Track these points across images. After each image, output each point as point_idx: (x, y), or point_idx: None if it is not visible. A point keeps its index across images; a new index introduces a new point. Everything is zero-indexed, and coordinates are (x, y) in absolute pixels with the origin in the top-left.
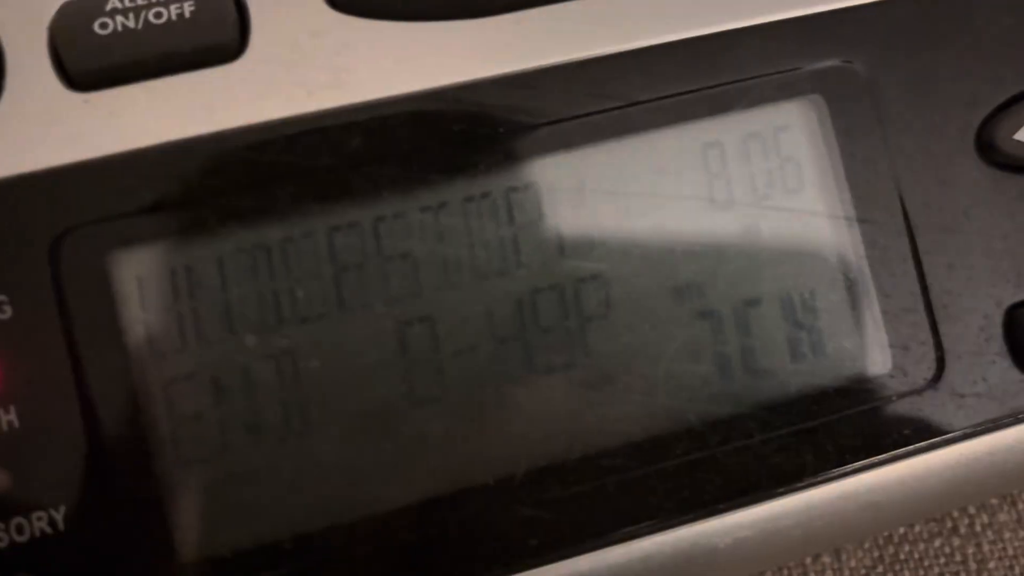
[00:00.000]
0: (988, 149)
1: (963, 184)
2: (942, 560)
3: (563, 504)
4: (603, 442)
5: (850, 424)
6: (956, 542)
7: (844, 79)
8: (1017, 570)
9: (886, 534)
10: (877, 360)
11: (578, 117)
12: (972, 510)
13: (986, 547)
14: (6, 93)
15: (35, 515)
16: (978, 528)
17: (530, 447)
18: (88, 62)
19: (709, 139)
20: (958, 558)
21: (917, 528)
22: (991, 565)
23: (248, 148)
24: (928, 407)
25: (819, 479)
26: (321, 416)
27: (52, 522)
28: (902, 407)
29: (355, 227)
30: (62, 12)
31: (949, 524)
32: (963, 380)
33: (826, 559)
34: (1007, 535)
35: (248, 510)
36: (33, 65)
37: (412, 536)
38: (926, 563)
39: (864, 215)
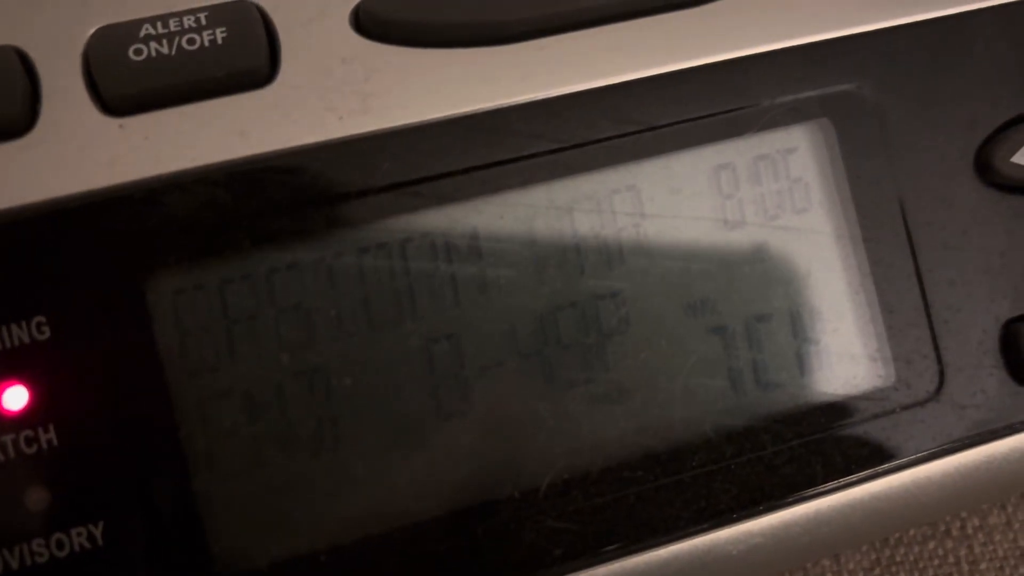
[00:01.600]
0: (987, 170)
1: (963, 204)
2: (936, 562)
3: (586, 515)
4: (623, 455)
5: (857, 435)
6: (949, 544)
7: (851, 103)
8: (1007, 571)
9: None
10: (881, 373)
11: (598, 141)
12: (964, 514)
13: (977, 549)
14: (41, 118)
15: (74, 531)
16: (970, 531)
17: (553, 460)
18: (123, 87)
19: (722, 161)
20: (951, 560)
21: (912, 532)
22: (982, 566)
23: (281, 172)
24: (930, 418)
25: (827, 488)
26: (353, 431)
27: (91, 538)
28: (905, 418)
29: (383, 248)
30: (96, 38)
31: (942, 527)
32: (963, 392)
33: (825, 562)
34: (997, 537)
35: (283, 523)
36: (68, 90)
37: (441, 546)
38: (921, 565)
39: (869, 234)
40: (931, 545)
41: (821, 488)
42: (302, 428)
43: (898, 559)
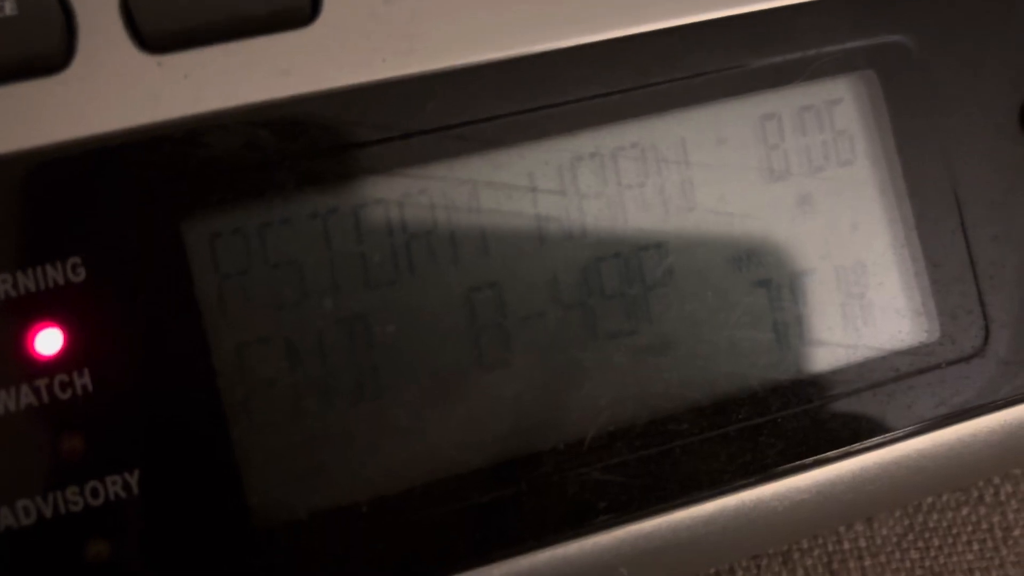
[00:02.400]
0: None
1: (1008, 160)
2: (969, 528)
3: (630, 468)
4: (668, 407)
5: (901, 390)
6: (982, 511)
7: (897, 56)
8: None
9: (916, 503)
10: (926, 328)
11: (645, 87)
12: (997, 480)
13: (1011, 516)
14: (78, 54)
15: (109, 479)
16: (1003, 497)
17: (597, 412)
18: (162, 23)
19: (767, 111)
20: (984, 526)
21: (945, 498)
22: (1016, 533)
23: (324, 113)
24: (975, 374)
25: (873, 444)
26: (394, 380)
27: (127, 486)
28: (950, 374)
29: (427, 193)
30: None
31: (975, 494)
32: (1008, 348)
33: (859, 527)
34: None
35: (323, 474)
36: (105, 26)
37: (484, 498)
38: (954, 531)
39: (914, 188)
40: (964, 511)
41: (866, 443)
42: (343, 377)
43: (931, 525)
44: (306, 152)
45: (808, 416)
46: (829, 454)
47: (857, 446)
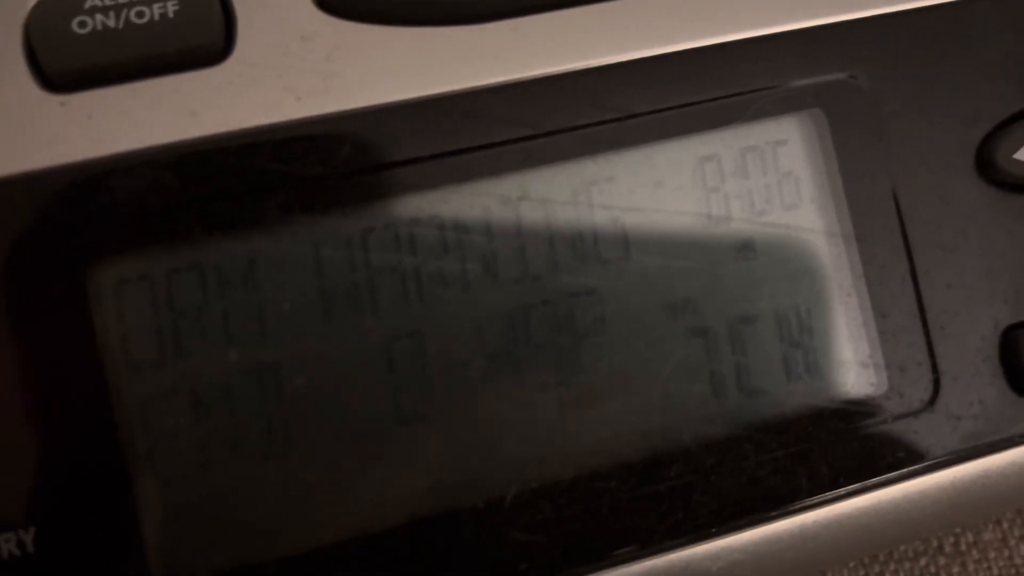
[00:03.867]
0: (988, 167)
1: (962, 203)
2: None
3: (554, 527)
4: (596, 463)
5: (845, 445)
6: (941, 561)
7: (846, 93)
8: None
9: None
10: (873, 381)
11: (574, 128)
12: (958, 529)
13: (971, 566)
14: None
15: (2, 537)
16: (963, 547)
17: (521, 468)
18: (65, 62)
19: (707, 152)
20: None
21: (903, 548)
22: None
23: (234, 155)
24: (923, 429)
25: (813, 502)
26: (306, 433)
27: (21, 544)
28: (897, 429)
29: (343, 238)
30: (38, 9)
31: (935, 543)
32: (959, 402)
33: None
34: (992, 554)
35: (229, 531)
36: (6, 64)
37: (399, 560)
38: None
39: (862, 232)
40: (923, 562)
41: (807, 502)
42: (252, 430)
43: None
44: (214, 196)
45: (744, 473)
46: (767, 513)
47: (796, 504)
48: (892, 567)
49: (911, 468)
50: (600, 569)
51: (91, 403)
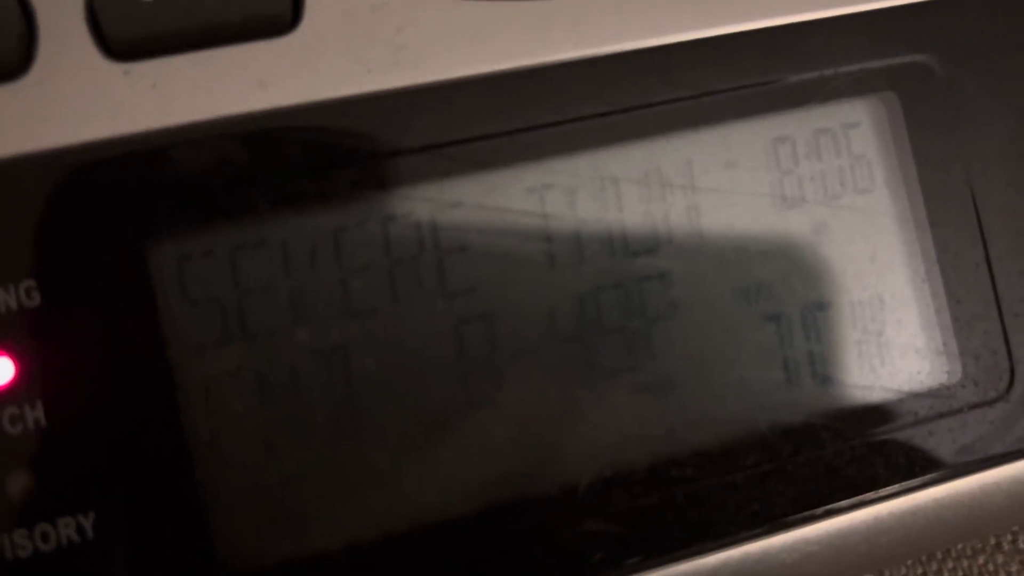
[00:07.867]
0: None
1: None
2: None
3: (629, 516)
4: (671, 451)
5: (920, 435)
6: (1000, 559)
7: (920, 76)
8: None
9: None
10: (948, 369)
11: (648, 106)
12: (1016, 527)
13: None
14: (38, 61)
15: (62, 521)
16: (1021, 545)
17: (594, 455)
18: (129, 30)
19: (781, 133)
20: (1002, 575)
21: (961, 545)
22: None
23: (303, 128)
24: (999, 419)
25: (889, 493)
26: (374, 418)
27: (80, 530)
28: (972, 418)
29: (412, 216)
30: None
31: (993, 541)
32: None
33: None
34: None
35: (295, 518)
36: (68, 31)
37: (468, 549)
38: None
39: (936, 218)
40: (981, 560)
41: (882, 492)
42: (318, 414)
43: (946, 574)
44: (283, 170)
45: (821, 462)
46: (842, 503)
47: (872, 495)
48: (950, 564)
49: (985, 458)
50: (674, 560)
51: (153, 384)
